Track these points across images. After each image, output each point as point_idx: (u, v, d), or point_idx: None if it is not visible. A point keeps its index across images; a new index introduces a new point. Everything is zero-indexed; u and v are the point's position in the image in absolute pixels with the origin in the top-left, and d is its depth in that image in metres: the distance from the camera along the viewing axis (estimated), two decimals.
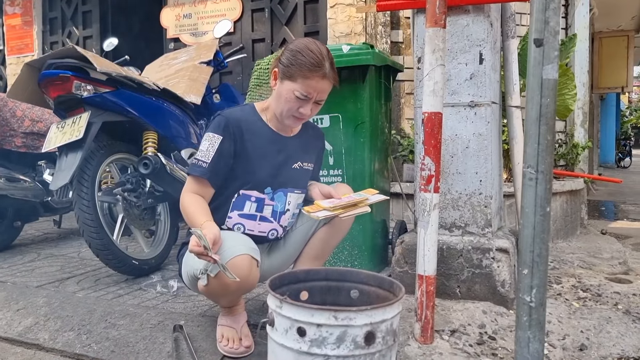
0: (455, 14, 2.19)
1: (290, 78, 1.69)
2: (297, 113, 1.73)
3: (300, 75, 1.67)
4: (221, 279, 1.57)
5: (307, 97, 1.69)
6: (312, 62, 1.66)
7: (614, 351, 1.84)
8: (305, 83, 1.67)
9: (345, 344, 1.20)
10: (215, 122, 1.76)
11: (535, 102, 1.37)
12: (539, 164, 1.38)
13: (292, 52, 1.70)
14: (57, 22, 6.30)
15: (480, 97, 2.18)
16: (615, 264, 3.05)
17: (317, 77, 1.67)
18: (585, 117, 4.11)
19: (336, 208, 1.69)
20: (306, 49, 1.68)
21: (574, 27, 4.09)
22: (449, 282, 2.23)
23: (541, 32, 1.36)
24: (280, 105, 1.74)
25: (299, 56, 1.67)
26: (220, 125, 1.74)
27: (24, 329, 2.05)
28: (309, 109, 1.72)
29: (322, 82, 1.69)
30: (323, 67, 1.67)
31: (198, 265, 1.63)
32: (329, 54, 1.72)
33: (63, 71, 2.47)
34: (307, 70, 1.66)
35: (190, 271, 1.71)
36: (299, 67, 1.66)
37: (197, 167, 1.72)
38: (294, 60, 1.68)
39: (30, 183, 3.24)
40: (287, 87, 1.69)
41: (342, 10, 4.34)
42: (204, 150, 1.73)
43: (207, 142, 1.73)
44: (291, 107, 1.71)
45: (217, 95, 3.66)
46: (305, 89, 1.68)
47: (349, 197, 1.76)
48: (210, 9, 5.21)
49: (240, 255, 1.59)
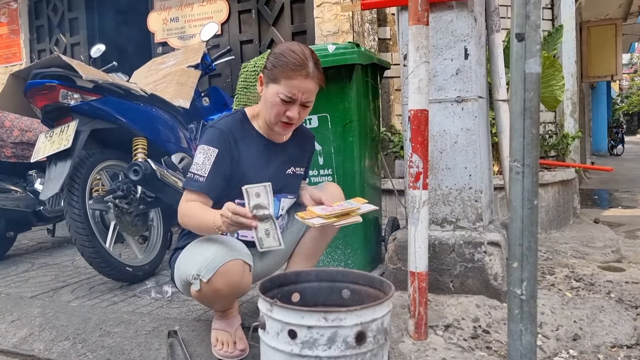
0: (439, 10, 2.19)
1: (274, 81, 1.67)
2: (284, 118, 1.69)
3: (284, 76, 1.64)
4: (213, 284, 1.57)
5: (292, 99, 1.66)
6: (295, 62, 1.64)
7: (607, 340, 1.85)
8: (289, 84, 1.64)
9: (337, 345, 1.21)
10: (208, 134, 1.73)
11: (519, 96, 1.38)
12: (525, 158, 1.38)
13: (275, 55, 1.68)
14: (44, 30, 6.27)
15: (467, 92, 2.19)
16: (608, 252, 3.07)
17: (300, 76, 1.64)
18: (574, 107, 4.12)
19: (330, 216, 1.67)
20: (288, 50, 1.66)
21: (561, 18, 4.09)
22: (442, 277, 2.23)
23: (522, 26, 1.36)
24: (267, 111, 1.71)
25: (281, 58, 1.65)
26: (214, 138, 1.70)
27: (19, 340, 2.04)
28: (296, 111, 1.69)
29: (306, 82, 1.66)
30: (306, 67, 1.65)
31: (191, 271, 1.63)
32: (313, 55, 1.70)
33: (49, 80, 2.47)
34: (289, 70, 1.63)
35: (183, 276, 1.70)
36: (281, 68, 1.64)
37: (194, 182, 1.67)
38: (276, 62, 1.66)
39: (21, 193, 3.22)
40: (272, 90, 1.67)
41: (329, 9, 4.34)
42: (199, 164, 1.68)
43: (202, 155, 1.68)
44: (278, 111, 1.68)
45: (206, 98, 3.66)
46: (289, 90, 1.65)
47: (340, 205, 1.75)
48: (197, 12, 5.19)
49: (233, 260, 1.59)
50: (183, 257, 1.73)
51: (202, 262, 1.59)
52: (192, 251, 1.70)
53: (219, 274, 1.57)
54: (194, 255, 1.67)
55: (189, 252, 1.71)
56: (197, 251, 1.67)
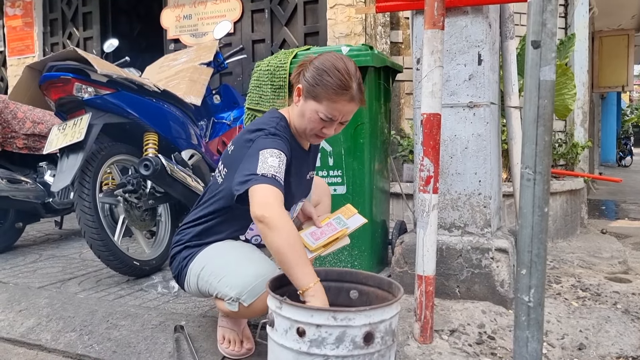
0: (454, 15, 2.20)
1: (315, 98, 1.58)
2: (320, 132, 1.64)
3: (326, 98, 1.56)
4: (253, 308, 1.57)
5: (331, 120, 1.60)
6: (340, 84, 1.55)
7: (613, 350, 1.85)
8: (331, 106, 1.57)
9: (345, 344, 1.22)
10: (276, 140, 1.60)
11: (533, 103, 1.38)
12: (536, 165, 1.39)
13: (319, 71, 1.58)
14: (58, 24, 6.32)
15: (479, 98, 2.19)
16: (615, 263, 3.06)
17: (343, 100, 1.57)
18: (585, 117, 4.12)
19: (318, 248, 1.66)
20: (333, 69, 1.56)
21: (574, 27, 4.09)
22: (448, 282, 2.24)
23: (538, 34, 1.37)
24: (303, 124, 1.64)
25: (325, 76, 1.56)
26: (283, 145, 1.59)
27: (26, 330, 2.06)
28: (333, 129, 1.64)
29: (348, 106, 1.59)
30: (350, 90, 1.56)
31: (227, 292, 1.58)
32: (357, 72, 1.61)
33: (64, 73, 2.49)
34: (333, 94, 1.55)
35: (210, 290, 1.65)
36: (324, 88, 1.56)
37: (276, 182, 1.49)
38: (319, 80, 1.57)
39: (31, 184, 3.25)
40: (311, 107, 1.60)
41: (342, 10, 4.35)
42: (276, 167, 1.52)
43: (277, 159, 1.53)
44: (314, 127, 1.63)
45: (217, 96, 3.68)
46: (331, 112, 1.58)
47: (329, 224, 1.72)
48: (210, 10, 5.22)
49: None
50: (210, 269, 1.67)
51: (243, 285, 1.56)
52: (222, 266, 1.64)
53: (261, 299, 1.54)
54: (229, 272, 1.62)
55: (218, 266, 1.65)
56: (231, 268, 1.62)
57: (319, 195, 1.98)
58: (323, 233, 1.71)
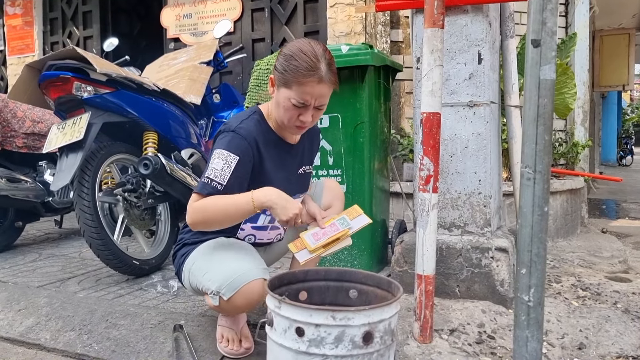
0: (454, 14, 2.19)
1: (285, 85, 1.58)
2: (298, 122, 1.63)
3: (295, 82, 1.55)
4: (233, 302, 1.57)
5: (304, 104, 1.59)
6: (306, 66, 1.54)
7: (613, 350, 1.85)
8: (301, 90, 1.56)
9: (344, 344, 1.21)
10: (228, 138, 1.62)
11: (533, 102, 1.38)
12: (536, 164, 1.38)
13: (286, 57, 1.59)
14: (58, 23, 6.32)
15: (479, 97, 2.18)
16: (615, 262, 3.05)
17: (312, 82, 1.55)
18: (585, 116, 4.11)
19: (317, 248, 1.65)
20: (299, 52, 1.56)
21: (574, 26, 4.08)
22: (448, 281, 2.23)
23: (538, 32, 1.36)
24: (280, 114, 1.64)
25: (292, 61, 1.56)
26: (236, 145, 1.61)
27: (26, 329, 2.06)
28: (309, 115, 1.61)
29: (318, 87, 1.57)
30: (318, 71, 1.55)
31: (209, 286, 1.61)
32: (326, 54, 1.60)
33: (63, 72, 2.48)
34: (301, 76, 1.54)
35: (199, 285, 1.68)
36: (292, 72, 1.55)
37: (211, 188, 1.57)
38: (287, 65, 1.57)
39: (31, 183, 3.25)
40: (284, 94, 1.59)
41: (342, 9, 4.35)
42: (217, 170, 1.57)
43: (222, 161, 1.58)
44: (291, 115, 1.61)
45: (217, 95, 3.67)
46: (301, 96, 1.57)
47: (332, 224, 1.72)
48: (210, 9, 5.22)
49: (253, 281, 1.57)
50: (198, 264, 1.69)
51: (223, 279, 1.57)
52: (208, 261, 1.67)
53: (240, 293, 1.56)
54: (212, 267, 1.63)
55: (205, 260, 1.68)
56: (215, 263, 1.64)
57: (330, 199, 1.94)
58: (325, 234, 1.70)
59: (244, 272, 1.57)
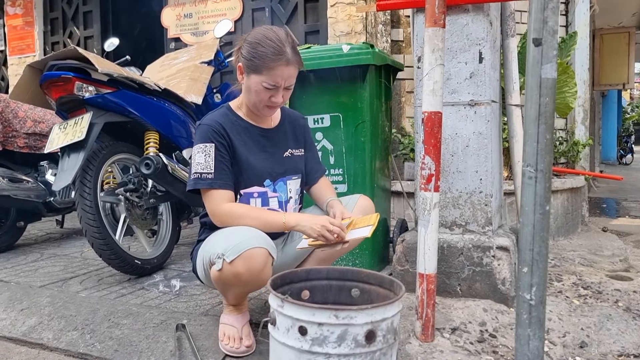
0: (455, 13, 2.19)
1: (255, 71, 1.71)
2: (269, 102, 1.75)
3: (265, 67, 1.68)
4: (235, 266, 1.59)
5: (275, 86, 1.71)
6: (273, 51, 1.67)
7: (614, 348, 1.85)
8: (272, 73, 1.69)
9: (346, 343, 1.22)
10: (200, 132, 1.76)
11: (534, 101, 1.38)
12: (538, 163, 1.38)
13: (252, 45, 1.71)
14: (58, 23, 6.31)
15: (480, 96, 2.19)
16: (616, 261, 3.06)
17: (281, 66, 1.68)
18: (586, 115, 4.11)
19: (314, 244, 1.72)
20: (265, 39, 1.69)
21: (575, 25, 4.08)
22: (449, 280, 2.24)
23: (540, 31, 1.36)
24: (252, 98, 1.77)
25: (259, 48, 1.69)
26: (207, 134, 1.75)
27: (28, 329, 2.06)
28: (280, 96, 1.75)
29: (287, 69, 1.70)
30: (285, 54, 1.68)
31: (216, 249, 1.65)
32: (289, 37, 1.73)
33: (65, 72, 2.48)
34: (270, 61, 1.67)
35: (207, 256, 1.72)
36: (261, 58, 1.68)
37: (203, 181, 1.73)
38: (255, 53, 1.69)
39: (32, 183, 3.25)
40: (255, 80, 1.72)
41: (343, 9, 4.34)
42: (202, 163, 1.72)
43: (202, 153, 1.73)
44: (262, 98, 1.74)
45: (218, 94, 3.67)
46: (273, 80, 1.70)
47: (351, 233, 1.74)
48: (210, 9, 5.22)
49: (258, 248, 1.59)
50: (210, 239, 1.76)
51: (229, 243, 1.61)
52: (220, 235, 1.73)
53: (242, 257, 1.57)
54: (222, 237, 1.69)
55: (217, 235, 1.73)
56: (225, 234, 1.70)
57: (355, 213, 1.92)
58: None
59: (250, 238, 1.61)
